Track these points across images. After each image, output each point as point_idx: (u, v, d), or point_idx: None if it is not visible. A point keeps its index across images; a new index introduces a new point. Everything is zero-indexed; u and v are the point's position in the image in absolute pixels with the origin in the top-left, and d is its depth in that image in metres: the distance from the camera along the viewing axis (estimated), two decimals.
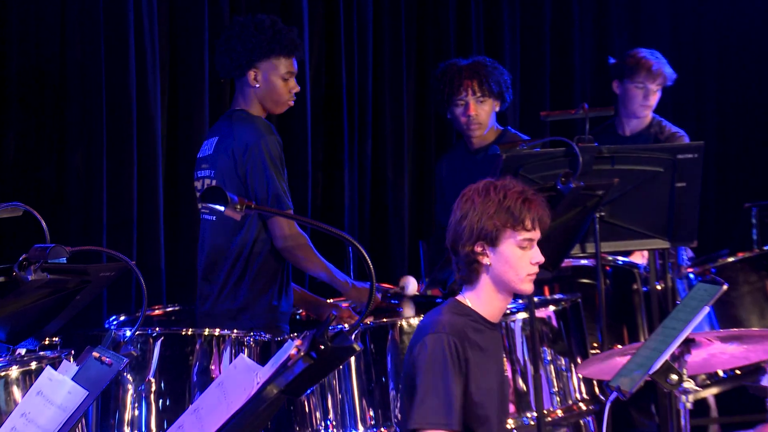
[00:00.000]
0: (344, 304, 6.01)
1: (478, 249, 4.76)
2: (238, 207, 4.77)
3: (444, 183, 7.05)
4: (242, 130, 5.83)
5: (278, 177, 5.76)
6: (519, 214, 4.73)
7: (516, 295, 4.97)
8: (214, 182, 5.85)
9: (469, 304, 4.85)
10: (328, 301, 6.14)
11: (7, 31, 6.81)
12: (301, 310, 6.33)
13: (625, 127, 7.67)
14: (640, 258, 6.93)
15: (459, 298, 4.90)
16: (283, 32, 5.93)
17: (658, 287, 6.50)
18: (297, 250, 5.77)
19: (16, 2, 6.81)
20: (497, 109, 7.00)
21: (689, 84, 8.78)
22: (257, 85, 5.93)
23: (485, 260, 4.77)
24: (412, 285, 5.93)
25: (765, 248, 7.00)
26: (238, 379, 3.03)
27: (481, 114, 6.89)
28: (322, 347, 3.02)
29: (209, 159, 5.95)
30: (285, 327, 5.87)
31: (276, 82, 5.92)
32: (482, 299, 4.85)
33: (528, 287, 4.83)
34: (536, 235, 4.78)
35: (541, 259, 4.80)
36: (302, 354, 3.02)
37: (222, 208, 4.98)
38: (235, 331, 5.50)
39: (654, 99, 7.59)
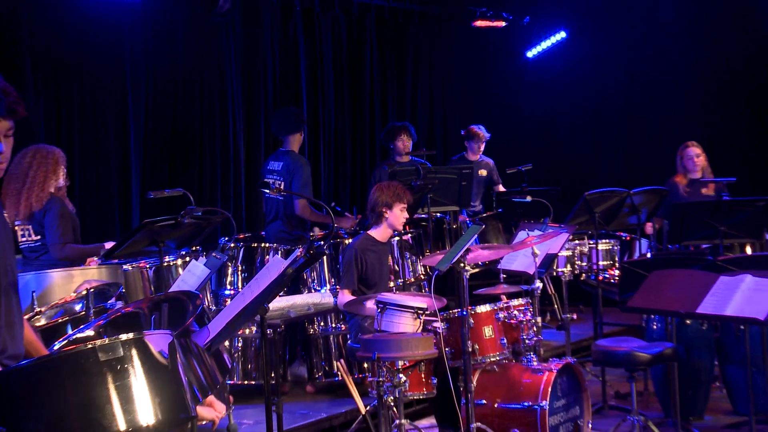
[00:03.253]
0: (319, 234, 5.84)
1: (384, 209, 4.78)
2: (275, 191, 4.74)
3: (383, 177, 6.36)
4: (294, 161, 5.59)
5: (304, 181, 5.51)
6: (403, 196, 4.79)
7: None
8: (282, 183, 5.59)
9: (372, 234, 4.85)
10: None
11: (177, 107, 6.71)
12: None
13: (471, 158, 7.26)
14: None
15: (368, 231, 4.89)
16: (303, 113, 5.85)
17: (454, 226, 6.52)
18: (305, 211, 5.51)
19: (181, 89, 6.72)
20: None
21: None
22: (301, 136, 5.75)
23: (386, 215, 4.78)
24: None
25: (499, 210, 6.99)
26: (275, 265, 2.99)
27: (409, 146, 6.69)
28: (311, 251, 3.01)
29: (278, 172, 5.63)
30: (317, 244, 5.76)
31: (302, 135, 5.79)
32: (379, 231, 4.84)
33: (401, 227, 4.86)
34: (406, 206, 4.82)
35: (407, 216, 4.86)
36: (302, 255, 3.01)
37: (268, 191, 4.94)
38: (274, 244, 5.33)
39: (483, 147, 7.25)
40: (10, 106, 2.23)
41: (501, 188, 7.47)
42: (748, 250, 5.76)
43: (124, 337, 2.03)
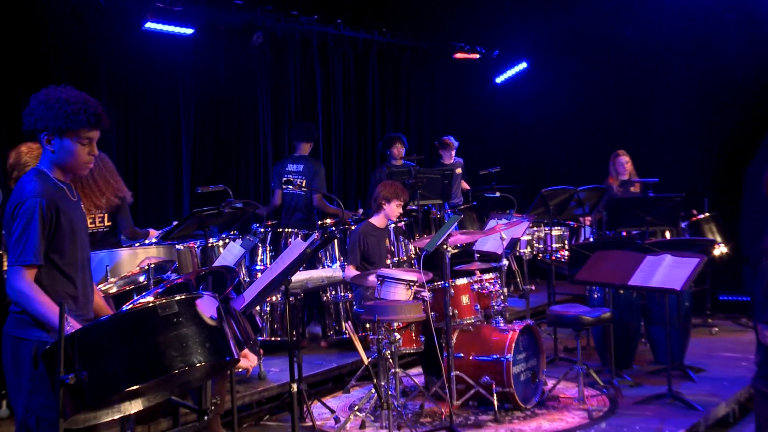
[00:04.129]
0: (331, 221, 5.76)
1: (383, 202, 4.69)
2: (297, 187, 4.70)
3: (382, 176, 6.26)
4: (316, 165, 5.55)
5: (321, 180, 5.49)
6: (401, 195, 4.69)
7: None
8: (304, 181, 5.51)
9: (372, 221, 4.77)
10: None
11: (219, 120, 6.58)
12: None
13: (446, 161, 7.06)
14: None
15: (369, 219, 4.80)
16: (315, 127, 5.69)
17: (438, 216, 6.50)
18: (321, 203, 5.49)
19: (223, 106, 6.59)
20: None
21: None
22: (311, 145, 5.68)
23: (384, 206, 4.71)
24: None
25: (473, 203, 6.96)
26: (296, 246, 2.99)
27: (403, 152, 6.59)
28: (325, 235, 3.00)
29: (300, 172, 5.55)
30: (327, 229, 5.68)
31: None
32: (378, 219, 4.73)
33: (394, 219, 4.80)
34: (402, 203, 4.75)
35: (401, 211, 4.79)
36: (318, 238, 3.00)
37: (291, 187, 4.90)
38: (295, 229, 5.29)
39: (454, 153, 6.94)
40: (103, 122, 2.36)
41: (465, 184, 7.39)
42: (668, 235, 5.78)
43: (178, 296, 2.05)
